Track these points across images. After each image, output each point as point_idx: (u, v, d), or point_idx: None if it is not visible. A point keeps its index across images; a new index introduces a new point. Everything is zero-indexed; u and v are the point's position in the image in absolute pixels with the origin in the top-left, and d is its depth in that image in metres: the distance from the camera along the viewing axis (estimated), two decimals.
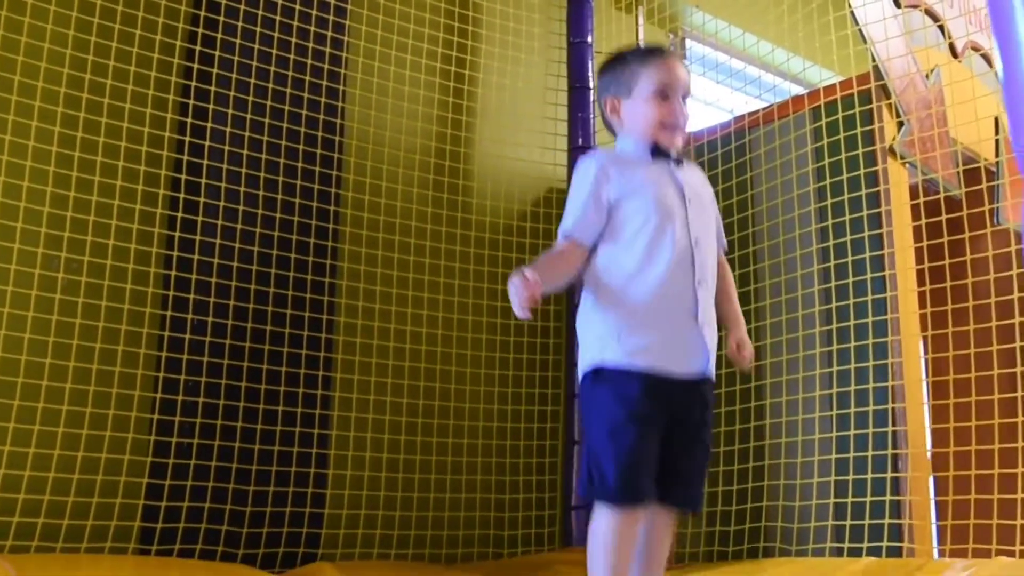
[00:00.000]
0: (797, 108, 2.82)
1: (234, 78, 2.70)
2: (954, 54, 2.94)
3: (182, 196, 2.58)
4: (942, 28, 2.96)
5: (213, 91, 2.66)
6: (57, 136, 2.42)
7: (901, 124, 2.65)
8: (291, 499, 2.59)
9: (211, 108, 2.65)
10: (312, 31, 2.88)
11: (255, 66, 2.74)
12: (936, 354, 2.45)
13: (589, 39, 3.47)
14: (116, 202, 2.48)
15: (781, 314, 2.71)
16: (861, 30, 2.69)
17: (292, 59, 2.82)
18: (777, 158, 2.82)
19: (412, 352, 2.95)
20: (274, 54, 2.79)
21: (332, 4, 2.95)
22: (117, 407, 2.39)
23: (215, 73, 2.67)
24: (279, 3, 2.82)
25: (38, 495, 2.23)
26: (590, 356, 1.80)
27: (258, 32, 2.76)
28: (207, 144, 2.63)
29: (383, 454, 2.82)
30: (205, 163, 2.62)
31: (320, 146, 2.85)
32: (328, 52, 2.91)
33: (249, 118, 2.70)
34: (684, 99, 1.88)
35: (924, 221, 2.51)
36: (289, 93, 2.80)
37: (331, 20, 2.94)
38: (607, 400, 1.76)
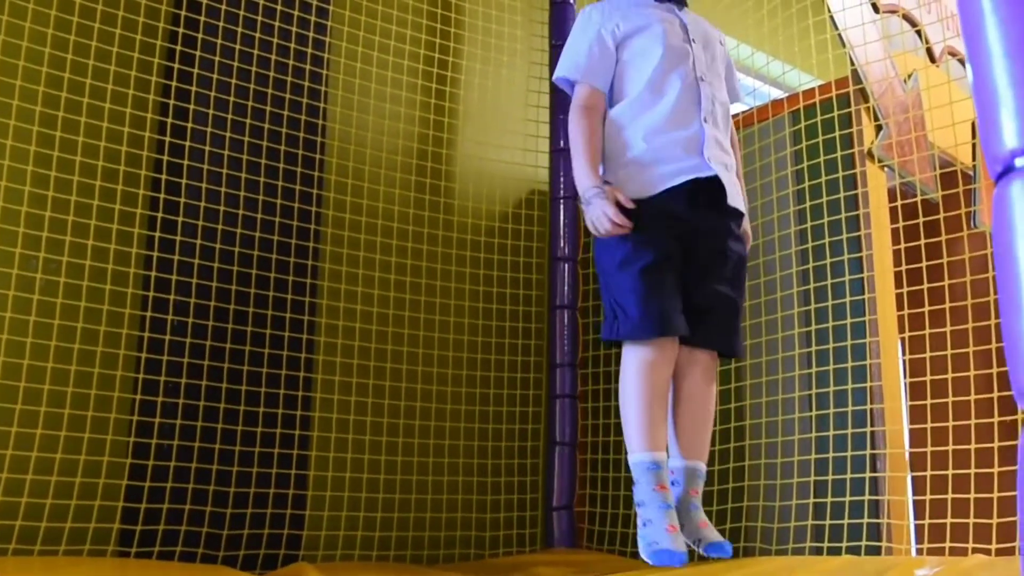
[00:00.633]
0: (777, 111, 2.85)
1: (215, 78, 2.68)
2: (932, 59, 2.97)
3: (162, 196, 2.56)
4: (920, 33, 2.99)
5: (194, 91, 2.65)
6: (35, 135, 2.40)
7: (879, 128, 2.67)
8: (272, 500, 2.58)
9: (192, 108, 2.63)
10: (294, 31, 2.87)
11: (236, 66, 2.73)
12: (913, 355, 2.47)
13: None
14: (96, 202, 2.46)
15: (761, 315, 2.73)
16: (840, 34, 2.71)
17: (273, 59, 2.81)
18: (757, 161, 2.84)
19: (394, 353, 2.95)
20: (255, 54, 2.78)
21: (314, 4, 2.94)
22: (96, 408, 2.37)
23: (196, 73, 2.65)
24: (260, 3, 2.81)
25: (15, 497, 2.21)
26: None
27: (239, 32, 2.75)
28: (188, 144, 2.62)
29: (364, 455, 2.82)
30: (186, 163, 2.61)
31: (302, 147, 2.83)
32: (310, 52, 2.90)
33: (230, 118, 2.69)
34: None
35: (902, 224, 2.54)
36: (270, 93, 2.79)
37: (312, 20, 2.93)
38: (614, 237, 1.74)
